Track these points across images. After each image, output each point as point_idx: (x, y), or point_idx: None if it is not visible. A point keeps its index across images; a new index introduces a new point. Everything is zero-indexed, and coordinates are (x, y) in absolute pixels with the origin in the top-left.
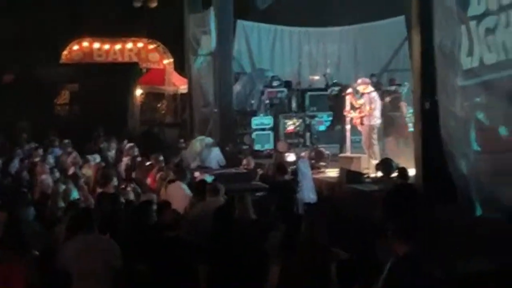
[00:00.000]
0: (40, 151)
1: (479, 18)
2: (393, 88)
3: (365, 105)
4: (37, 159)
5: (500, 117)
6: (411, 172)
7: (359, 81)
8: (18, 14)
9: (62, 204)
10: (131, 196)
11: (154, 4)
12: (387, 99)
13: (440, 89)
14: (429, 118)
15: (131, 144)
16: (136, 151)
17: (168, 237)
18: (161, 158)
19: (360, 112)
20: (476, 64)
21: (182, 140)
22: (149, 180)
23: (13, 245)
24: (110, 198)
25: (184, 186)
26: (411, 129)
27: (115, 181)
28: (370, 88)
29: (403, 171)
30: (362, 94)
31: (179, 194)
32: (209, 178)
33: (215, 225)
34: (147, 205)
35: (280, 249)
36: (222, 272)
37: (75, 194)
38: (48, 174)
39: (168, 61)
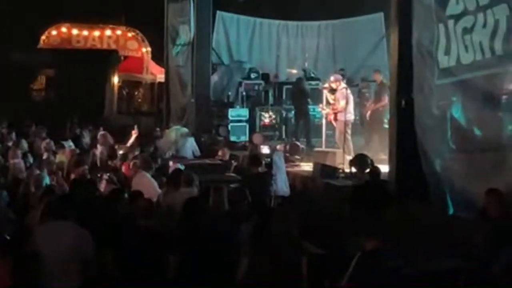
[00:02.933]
0: (14, 136)
1: (457, 17)
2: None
3: (338, 101)
4: (10, 143)
5: (474, 117)
6: (385, 168)
7: (332, 78)
8: None
9: (33, 189)
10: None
11: None
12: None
13: (417, 87)
14: (404, 115)
15: (103, 132)
16: (111, 140)
17: (139, 226)
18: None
19: (333, 108)
20: (453, 63)
21: (157, 129)
22: (124, 168)
23: None
24: (85, 185)
25: (148, 176)
26: (386, 125)
27: (86, 168)
28: (343, 85)
29: (375, 168)
30: (336, 90)
31: (143, 184)
32: (183, 168)
33: (186, 215)
34: (118, 194)
35: (251, 241)
36: (191, 263)
37: (47, 180)
38: (21, 159)
39: (146, 49)
